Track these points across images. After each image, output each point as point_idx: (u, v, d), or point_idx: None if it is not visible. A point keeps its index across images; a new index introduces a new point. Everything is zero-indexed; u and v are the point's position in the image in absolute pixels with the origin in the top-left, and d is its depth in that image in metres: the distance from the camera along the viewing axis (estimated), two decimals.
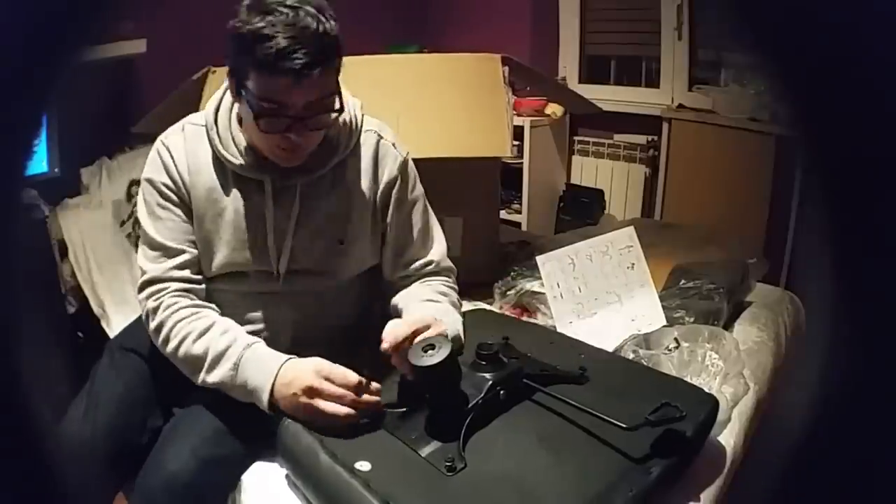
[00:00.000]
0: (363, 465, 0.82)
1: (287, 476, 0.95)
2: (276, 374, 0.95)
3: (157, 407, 1.10)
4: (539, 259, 1.29)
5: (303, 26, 0.92)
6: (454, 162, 1.22)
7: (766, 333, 1.45)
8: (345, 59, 1.00)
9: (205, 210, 1.09)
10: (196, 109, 1.26)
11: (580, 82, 3.32)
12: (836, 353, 0.33)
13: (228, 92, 1.07)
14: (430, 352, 0.88)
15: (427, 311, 1.07)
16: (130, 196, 2.03)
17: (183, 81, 1.61)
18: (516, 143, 3.06)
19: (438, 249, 1.20)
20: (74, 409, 1.07)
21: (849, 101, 0.30)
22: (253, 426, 1.00)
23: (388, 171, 1.14)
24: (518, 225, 3.13)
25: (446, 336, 0.97)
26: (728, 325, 1.43)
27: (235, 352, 0.99)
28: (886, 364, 0.31)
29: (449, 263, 1.21)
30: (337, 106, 1.02)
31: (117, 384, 1.10)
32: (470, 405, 0.90)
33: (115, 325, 1.76)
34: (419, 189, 1.20)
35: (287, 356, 0.99)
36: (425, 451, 0.85)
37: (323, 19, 0.94)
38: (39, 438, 0.36)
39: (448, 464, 0.82)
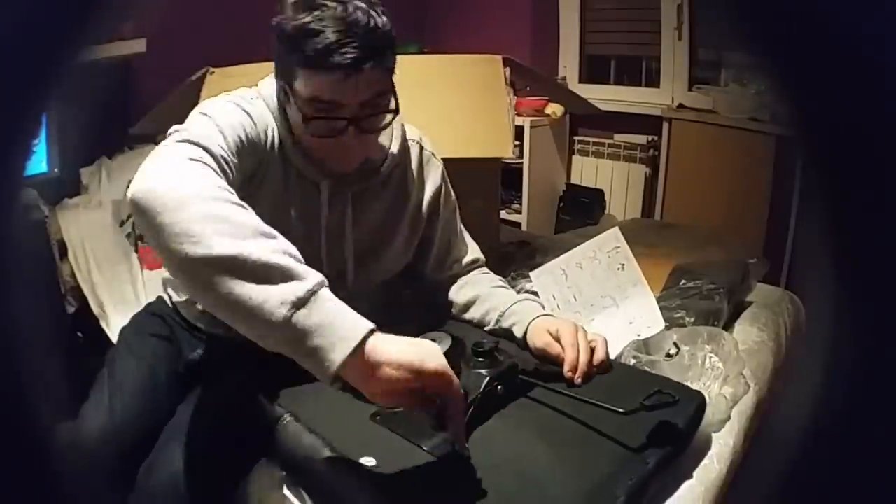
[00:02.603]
0: (368, 461, 0.83)
1: (284, 477, 0.95)
2: (372, 331, 0.72)
3: (179, 392, 1.08)
4: (532, 275, 1.32)
5: (352, 20, 0.88)
6: (454, 162, 1.23)
7: (766, 333, 1.45)
8: None
9: (268, 192, 1.00)
10: None
11: (580, 82, 3.32)
12: (837, 353, 0.33)
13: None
14: None
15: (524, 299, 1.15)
16: None
17: (182, 82, 1.61)
18: (516, 143, 3.06)
19: (476, 247, 1.26)
20: (94, 398, 1.05)
21: (849, 100, 0.30)
22: (256, 426, 0.99)
23: (432, 180, 1.17)
24: (518, 225, 3.13)
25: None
26: (728, 326, 1.43)
27: (313, 275, 0.72)
28: (887, 364, 0.31)
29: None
30: (392, 106, 0.97)
31: (140, 369, 1.08)
32: (469, 400, 0.91)
33: (114, 325, 1.76)
34: (454, 194, 1.24)
35: None
36: (427, 445, 0.86)
37: (373, 14, 0.90)
38: (40, 438, 0.36)
39: (450, 456, 0.83)
